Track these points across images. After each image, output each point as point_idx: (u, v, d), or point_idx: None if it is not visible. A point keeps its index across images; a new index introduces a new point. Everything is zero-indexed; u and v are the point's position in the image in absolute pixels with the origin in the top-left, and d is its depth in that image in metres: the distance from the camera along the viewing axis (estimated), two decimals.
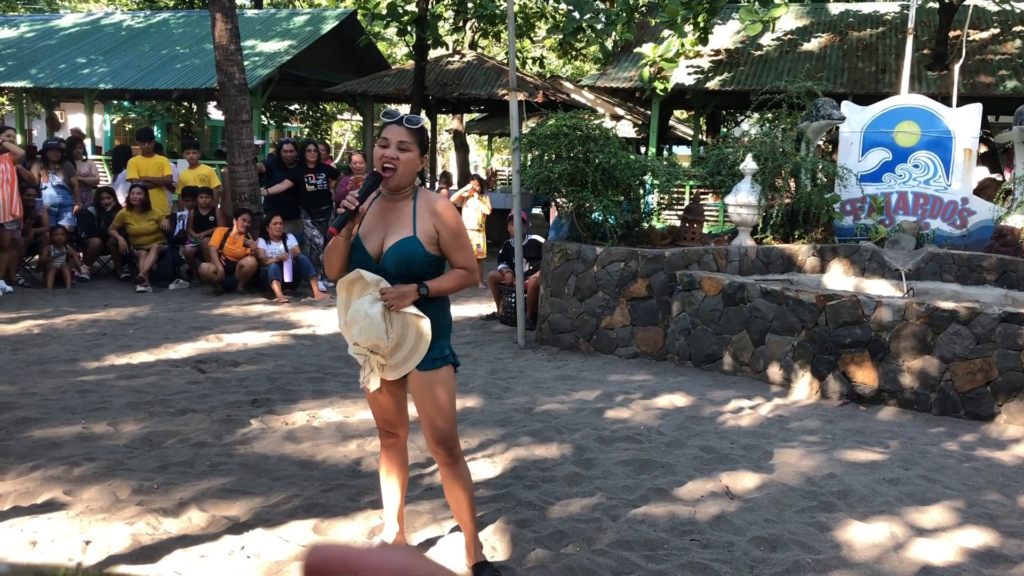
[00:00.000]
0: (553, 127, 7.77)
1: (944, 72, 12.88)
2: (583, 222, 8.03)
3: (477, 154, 34.95)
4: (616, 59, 16.19)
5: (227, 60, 10.88)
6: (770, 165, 8.34)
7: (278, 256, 10.10)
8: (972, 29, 13.90)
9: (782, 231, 8.63)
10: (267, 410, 5.49)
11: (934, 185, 8.92)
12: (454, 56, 18.50)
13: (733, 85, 14.19)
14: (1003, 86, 13.13)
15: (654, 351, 7.45)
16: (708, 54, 15.16)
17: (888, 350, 6.19)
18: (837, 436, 5.40)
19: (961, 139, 8.85)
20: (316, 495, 4.11)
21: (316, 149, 11.29)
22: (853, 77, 13.99)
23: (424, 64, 16.32)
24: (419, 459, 4.68)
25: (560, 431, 5.25)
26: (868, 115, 9.09)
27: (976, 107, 8.97)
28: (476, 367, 6.94)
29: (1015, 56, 13.96)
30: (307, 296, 10.11)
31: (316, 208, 11.08)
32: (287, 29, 18.80)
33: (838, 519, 4.07)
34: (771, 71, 14.16)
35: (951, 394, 6.00)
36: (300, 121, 29.42)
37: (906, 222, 8.76)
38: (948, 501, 4.35)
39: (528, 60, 26.69)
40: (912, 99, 9.25)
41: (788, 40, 15.72)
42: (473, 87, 16.63)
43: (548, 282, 7.87)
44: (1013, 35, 14.76)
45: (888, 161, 9.02)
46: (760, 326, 6.79)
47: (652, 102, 14.93)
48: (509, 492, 4.24)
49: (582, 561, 3.49)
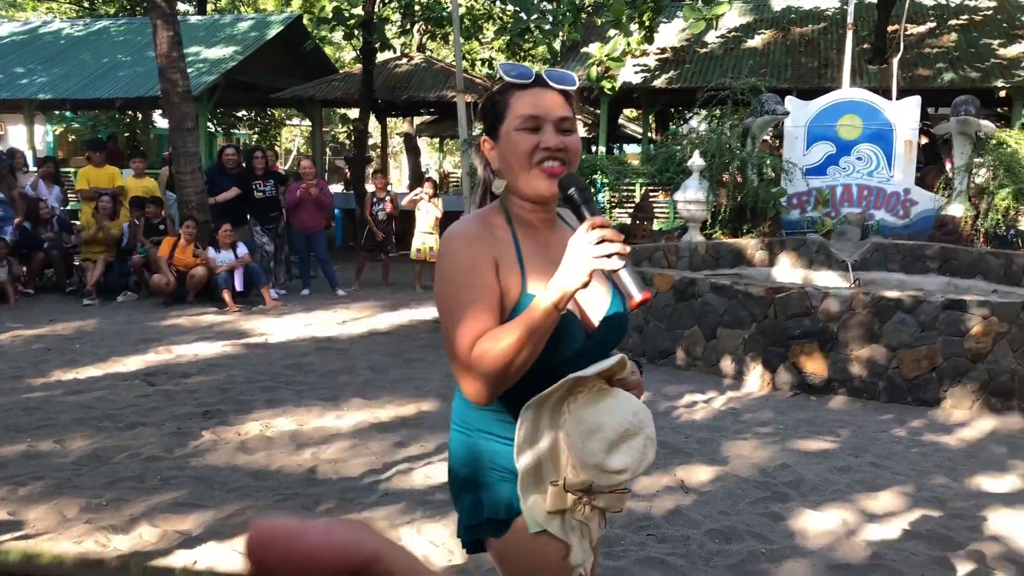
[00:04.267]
0: None
1: (884, 66, 13.13)
2: None
3: (429, 156, 34.86)
4: (564, 59, 16.26)
5: (170, 67, 10.72)
6: (717, 161, 8.45)
7: (229, 265, 9.97)
8: (909, 23, 14.20)
9: (731, 226, 8.74)
10: (219, 421, 5.41)
11: (877, 177, 9.10)
12: (402, 59, 18.43)
13: (680, 83, 14.33)
14: (940, 79, 13.43)
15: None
16: (655, 53, 15.29)
17: (836, 340, 6.29)
18: (789, 426, 5.48)
19: (902, 131, 9.03)
20: (270, 506, 4.06)
21: (264, 155, 11.17)
22: (796, 73, 14.21)
23: (372, 68, 16.23)
24: (375, 464, 4.65)
25: None
26: (812, 110, 9.25)
27: (915, 99, 9.17)
28: (432, 370, 6.92)
29: (951, 49, 14.29)
30: (258, 305, 9.99)
31: (265, 215, 10.96)
32: (231, 35, 18.57)
33: (791, 508, 4.13)
34: (716, 68, 14.32)
35: (898, 381, 6.13)
36: (248, 128, 29.09)
37: (851, 214, 8.92)
38: (897, 486, 4.43)
39: (477, 61, 26.70)
40: (854, 93, 9.43)
41: (732, 37, 15.92)
42: (422, 90, 16.58)
43: None
44: (949, 28, 15.11)
45: (832, 154, 9.19)
46: (711, 320, 6.86)
47: (601, 101, 15.01)
48: None
49: None
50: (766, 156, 9.07)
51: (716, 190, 8.47)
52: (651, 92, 15.50)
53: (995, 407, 5.96)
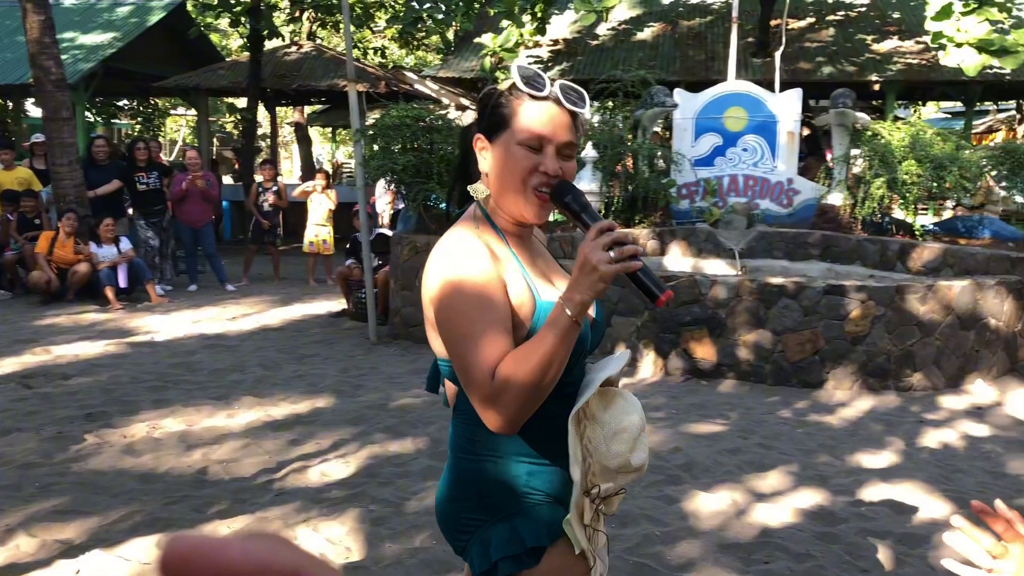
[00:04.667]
0: (395, 118, 7.70)
1: (767, 59, 13.57)
2: (431, 214, 8.00)
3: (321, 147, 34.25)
4: (458, 49, 16.21)
5: (42, 54, 10.17)
6: (609, 153, 8.57)
7: (112, 260, 9.56)
8: (791, 18, 14.71)
9: (623, 216, 8.89)
10: (103, 424, 5.19)
11: (762, 167, 9.39)
12: (291, 47, 18.02)
13: (572, 75, 14.46)
14: (820, 72, 13.98)
15: None
16: (547, 44, 15.40)
17: (725, 326, 6.48)
18: (681, 411, 5.61)
19: (785, 123, 9.35)
20: (158, 509, 3.91)
21: (147, 146, 10.75)
22: (684, 65, 14.54)
23: (260, 56, 15.81)
24: (268, 463, 4.55)
25: (415, 425, 5.22)
26: (699, 102, 9.47)
27: (797, 92, 9.50)
28: (327, 366, 6.81)
29: (829, 44, 14.88)
30: (143, 302, 9.62)
31: (150, 208, 10.56)
32: (110, 20, 17.77)
33: (684, 491, 4.24)
34: (608, 60, 14.52)
35: (783, 364, 6.36)
36: (130, 117, 27.93)
37: (738, 203, 9.19)
38: (784, 466, 4.60)
39: (369, 50, 26.35)
40: (739, 85, 9.71)
41: (623, 30, 16.17)
42: (312, 78, 16.25)
43: (398, 276, 7.80)
44: (827, 24, 15.73)
45: (719, 145, 9.44)
46: (606, 309, 6.96)
47: None
48: (363, 491, 4.18)
49: (439, 554, 3.49)
50: (657, 147, 9.25)
51: (609, 181, 8.60)
52: None
53: (873, 387, 6.26)
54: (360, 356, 7.19)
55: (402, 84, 16.26)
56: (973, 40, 8.14)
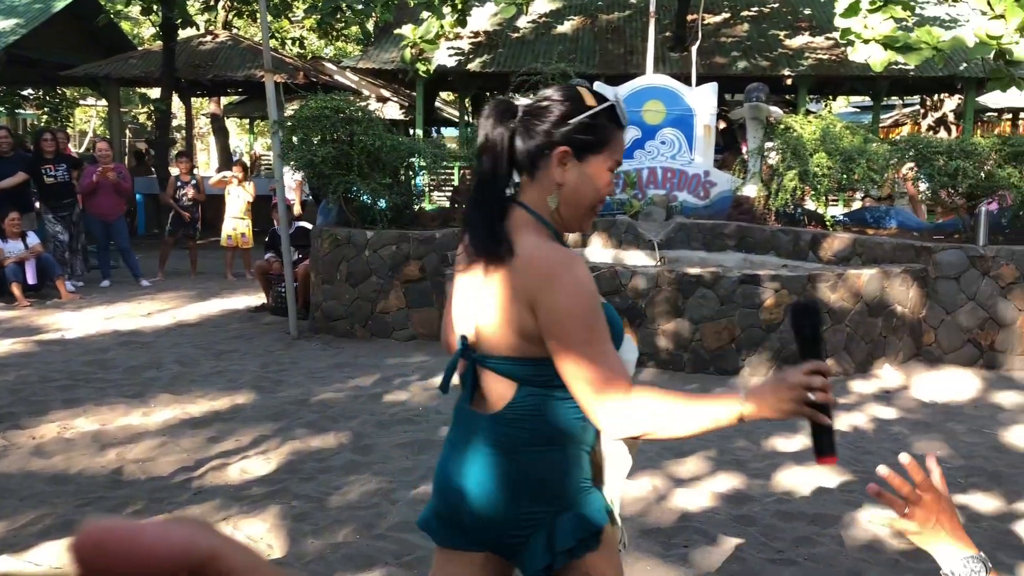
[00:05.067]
0: (314, 109, 7.59)
1: (684, 53, 13.79)
2: (351, 206, 7.92)
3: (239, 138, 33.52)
4: (377, 40, 16.04)
5: None
6: None
7: (18, 256, 9.20)
8: (707, 13, 14.98)
9: None
10: (10, 425, 5.00)
11: (680, 160, 9.56)
12: (207, 36, 17.58)
13: (493, 67, 14.47)
14: (735, 66, 14.28)
15: (431, 332, 7.50)
16: (468, 36, 15.37)
17: (645, 316, 6.59)
18: None
19: (701, 116, 9.53)
20: (70, 512, 3.80)
21: (54, 137, 10.37)
22: (604, 59, 14.68)
23: (174, 45, 15.38)
24: (186, 462, 4.45)
25: (336, 420, 5.17)
26: (619, 95, 9.58)
27: (712, 86, 9.69)
28: (246, 361, 6.69)
29: (744, 39, 15.21)
30: (53, 298, 9.29)
31: (58, 201, 10.20)
32: (12, 6, 17.05)
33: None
34: (528, 53, 14.56)
35: (701, 353, 6.50)
36: (37, 107, 26.86)
37: (657, 195, 9.33)
38: (703, 451, 4.71)
39: (287, 41, 25.87)
40: (657, 79, 9.85)
41: (543, 23, 16.23)
42: (229, 68, 15.89)
43: (319, 269, 7.71)
44: (741, 19, 16.07)
45: (638, 139, 9.56)
46: None
47: (416, 84, 14.94)
48: (285, 487, 4.13)
49: (362, 548, 3.47)
50: None
51: None
52: (466, 75, 15.58)
53: None
54: (280, 351, 7.09)
55: (321, 75, 16.03)
56: (879, 37, 8.41)
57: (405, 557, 3.42)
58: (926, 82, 15.97)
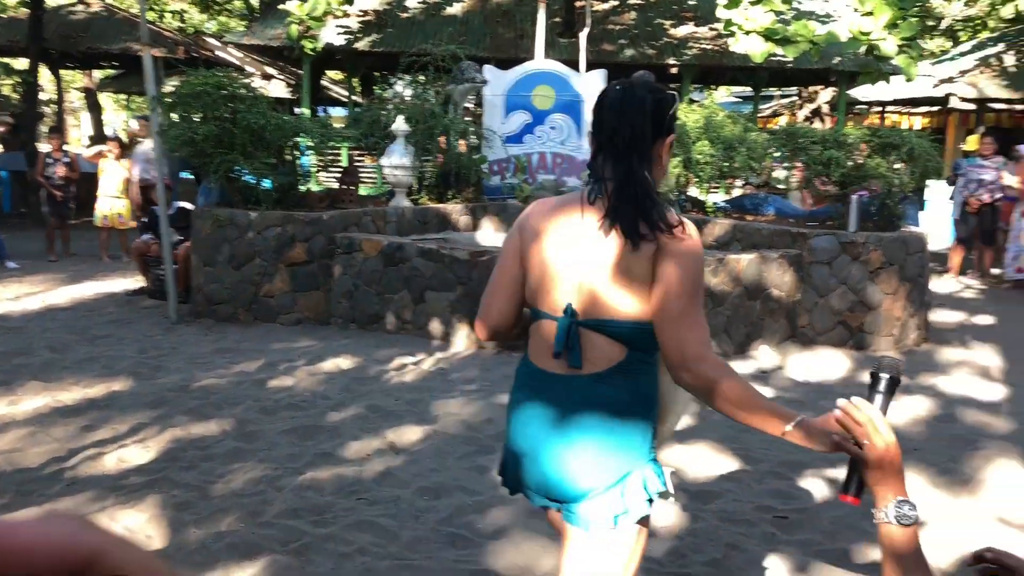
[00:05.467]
0: (195, 85, 7.32)
1: (573, 39, 13.94)
2: (234, 186, 7.69)
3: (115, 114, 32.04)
4: (263, 16, 15.60)
5: None
6: (421, 127, 8.54)
7: None
8: (595, 0, 15.17)
9: (436, 191, 8.91)
10: None
11: (569, 145, 9.68)
12: (78, 5, 16.68)
13: (382, 47, 14.28)
14: (623, 54, 14.53)
15: (317, 316, 7.38)
16: (357, 14, 15.10)
17: None
18: (494, 383, 5.72)
19: (590, 102, 9.65)
20: None
21: None
22: (495, 42, 14.69)
23: (41, 13, 14.53)
24: (58, 452, 4.25)
25: (219, 406, 5.03)
26: (509, 79, 9.61)
27: (601, 72, 9.84)
28: (123, 347, 6.42)
29: (631, 27, 15.48)
30: None
31: None
32: None
33: (496, 460, 4.32)
34: (418, 34, 14.43)
35: None
36: None
37: (547, 180, 9.42)
38: None
39: (166, 13, 24.84)
40: (546, 64, 9.93)
41: (433, 4, 16.10)
42: (103, 40, 15.14)
43: (200, 251, 7.46)
44: (628, 7, 16.33)
45: (529, 123, 9.63)
46: (420, 284, 6.97)
47: (303, 61, 14.60)
48: (165, 476, 3.99)
49: (247, 536, 3.39)
50: (468, 123, 9.32)
51: (422, 156, 8.58)
52: (354, 54, 15.33)
53: None
54: (159, 336, 6.84)
55: (203, 50, 15.47)
56: (759, 29, 8.72)
57: (292, 544, 3.36)
58: (803, 74, 16.64)
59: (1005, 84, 15.12)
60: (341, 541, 3.40)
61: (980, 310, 8.93)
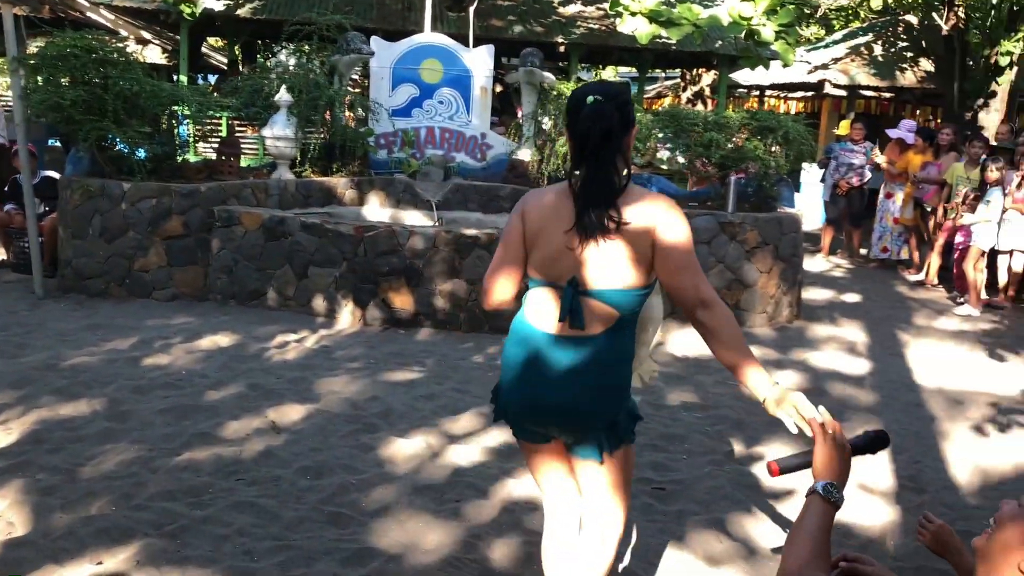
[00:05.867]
0: (62, 47, 6.91)
1: (462, 14, 13.83)
2: (106, 155, 7.32)
3: None
4: None
5: None
6: (305, 98, 8.32)
7: None
8: None
9: (320, 164, 8.71)
10: None
11: (457, 121, 9.61)
12: None
13: (265, 14, 13.81)
14: (511, 30, 14.51)
15: (195, 291, 7.13)
16: None
17: (422, 276, 6.61)
18: (379, 360, 5.67)
19: (478, 78, 9.62)
20: None
21: None
22: (381, 13, 14.42)
23: None
24: None
25: (90, 385, 4.80)
26: (396, 51, 9.46)
27: (489, 48, 9.79)
28: None
29: (520, 3, 15.47)
30: None
31: None
32: None
33: (380, 438, 4.30)
34: (303, 2, 14.01)
35: (477, 312, 6.62)
36: None
37: (435, 155, 9.34)
38: (476, 408, 4.81)
39: None
40: (435, 38, 9.81)
41: None
42: None
43: (68, 223, 7.08)
44: None
45: (416, 97, 9.51)
46: (303, 259, 6.82)
47: (180, 27, 13.98)
48: (28, 459, 3.79)
49: (118, 520, 3.26)
50: (355, 95, 9.14)
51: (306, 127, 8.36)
52: (235, 21, 14.77)
53: None
54: (24, 312, 6.47)
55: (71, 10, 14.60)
56: (645, 10, 8.83)
57: (166, 527, 3.25)
58: (686, 57, 17.02)
59: (874, 72, 15.86)
60: (219, 523, 3.31)
61: (848, 288, 9.39)
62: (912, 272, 10.30)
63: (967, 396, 5.75)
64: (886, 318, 7.99)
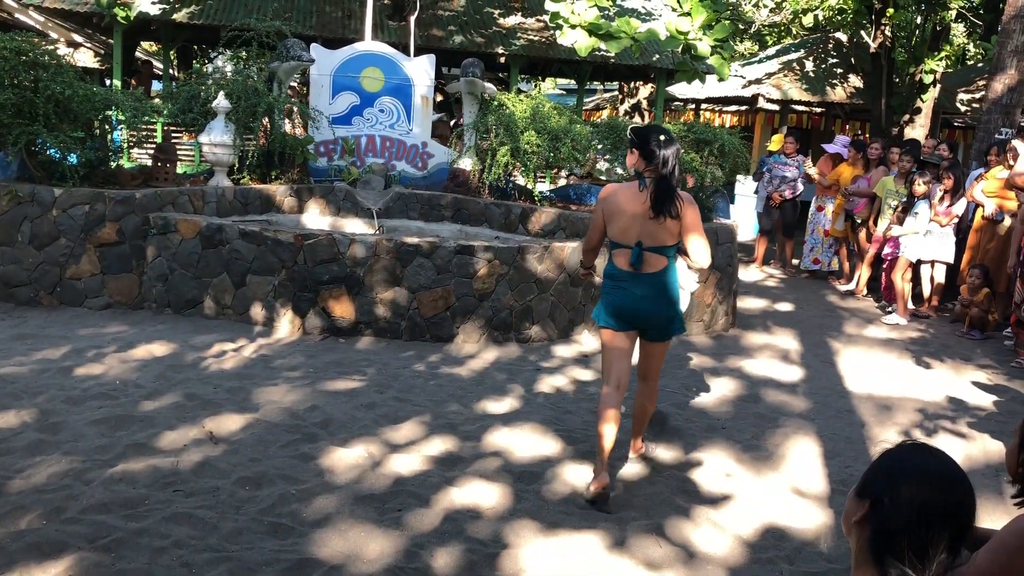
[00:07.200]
0: None
1: (403, 23, 13.82)
2: (36, 160, 7.14)
3: None
4: None
5: None
6: (244, 104, 8.22)
7: None
8: None
9: (259, 171, 8.61)
10: None
11: (398, 129, 9.59)
12: None
13: (202, 19, 13.61)
14: (452, 40, 14.53)
15: (129, 300, 6.98)
16: None
17: (363, 284, 6.58)
18: (319, 369, 5.62)
19: (419, 87, 9.62)
20: None
21: None
22: (321, 20, 14.33)
23: None
24: None
25: (19, 397, 4.67)
26: (337, 59, 9.41)
27: (430, 57, 9.80)
28: None
29: (461, 14, 15.51)
30: None
31: None
32: None
33: (320, 448, 4.26)
34: (241, 8, 13.86)
35: (418, 320, 6.61)
36: None
37: (375, 164, 9.31)
38: (417, 417, 4.80)
39: None
40: (375, 46, 9.79)
41: None
42: None
43: None
44: None
45: (357, 105, 9.47)
46: (240, 268, 6.73)
47: (114, 30, 13.69)
48: None
49: (49, 534, 3.18)
50: (294, 102, 9.06)
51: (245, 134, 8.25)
52: (171, 26, 14.52)
53: (497, 339, 6.74)
54: None
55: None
56: (585, 23, 8.94)
57: (101, 540, 3.18)
58: (624, 70, 17.25)
59: (805, 88, 16.28)
60: (156, 535, 3.25)
61: (781, 298, 9.62)
62: (842, 282, 10.60)
63: (895, 402, 5.94)
64: (818, 327, 8.20)
